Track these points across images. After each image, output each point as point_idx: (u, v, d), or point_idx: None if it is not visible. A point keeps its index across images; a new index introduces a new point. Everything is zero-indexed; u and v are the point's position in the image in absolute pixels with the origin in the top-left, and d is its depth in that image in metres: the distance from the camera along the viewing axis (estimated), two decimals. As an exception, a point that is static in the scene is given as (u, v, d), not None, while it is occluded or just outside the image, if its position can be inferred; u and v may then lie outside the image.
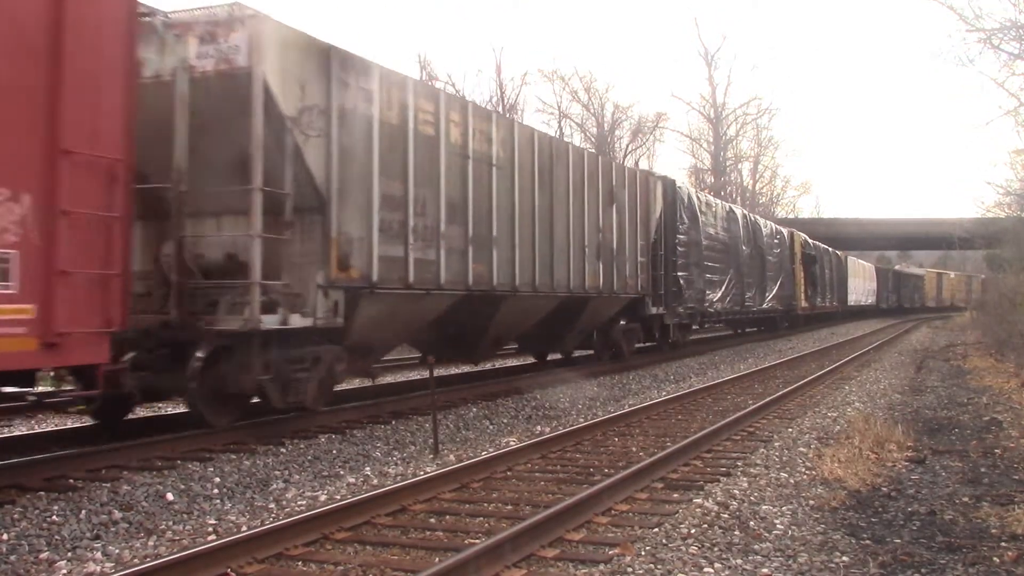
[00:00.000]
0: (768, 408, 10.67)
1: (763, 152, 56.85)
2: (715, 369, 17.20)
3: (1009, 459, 7.59)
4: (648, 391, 13.36)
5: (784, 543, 5.05)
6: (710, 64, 51.24)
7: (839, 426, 9.35)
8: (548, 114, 43.47)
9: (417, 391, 11.06)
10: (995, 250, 27.99)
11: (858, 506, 5.94)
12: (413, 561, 4.82)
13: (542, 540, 4.99)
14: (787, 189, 61.00)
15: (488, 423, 9.92)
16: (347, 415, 9.44)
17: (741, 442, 8.59)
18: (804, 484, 6.59)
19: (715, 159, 51.59)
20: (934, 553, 4.90)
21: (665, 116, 60.15)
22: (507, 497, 6.32)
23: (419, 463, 7.72)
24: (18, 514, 5.55)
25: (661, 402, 11.16)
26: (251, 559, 4.73)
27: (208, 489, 6.43)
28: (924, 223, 48.33)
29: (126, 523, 5.61)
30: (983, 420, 9.89)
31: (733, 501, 6.02)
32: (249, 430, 8.23)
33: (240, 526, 5.63)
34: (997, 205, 28.22)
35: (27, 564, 4.87)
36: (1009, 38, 15.90)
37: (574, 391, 12.40)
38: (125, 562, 4.88)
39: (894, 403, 11.60)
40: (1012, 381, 13.24)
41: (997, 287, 25.91)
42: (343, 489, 6.69)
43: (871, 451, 7.73)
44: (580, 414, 10.88)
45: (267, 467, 7.15)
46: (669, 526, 5.40)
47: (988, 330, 23.18)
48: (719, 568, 4.60)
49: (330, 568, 4.73)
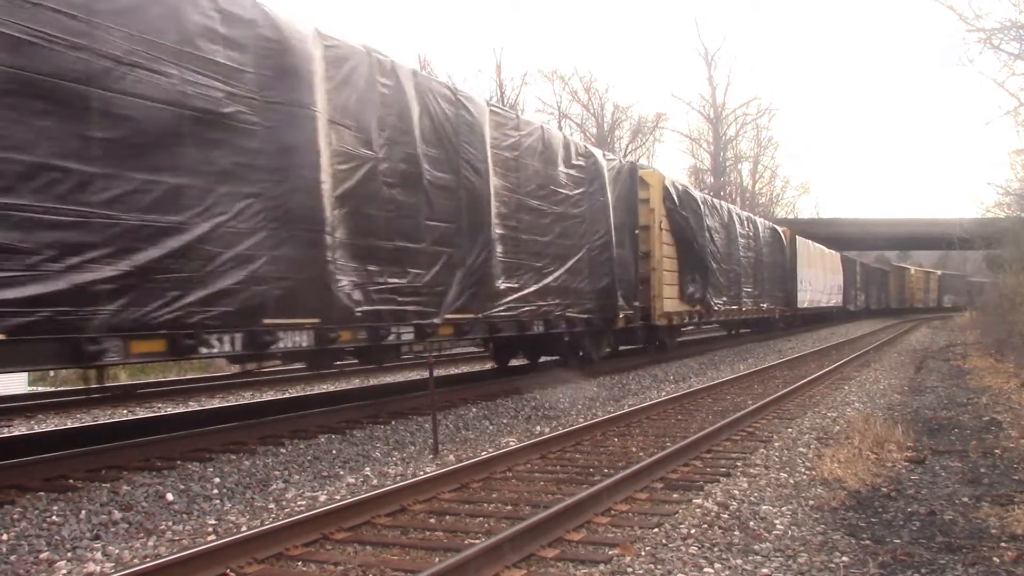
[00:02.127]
0: (768, 408, 10.67)
1: (763, 152, 56.87)
2: (715, 369, 17.20)
3: (1009, 459, 7.59)
4: (648, 391, 13.36)
5: (784, 543, 5.05)
6: (710, 64, 51.33)
7: (839, 426, 9.36)
8: (548, 114, 43.53)
9: (417, 391, 11.06)
10: (995, 250, 27.95)
11: (858, 506, 5.94)
12: (413, 561, 4.82)
13: (542, 540, 4.99)
14: (787, 189, 61.01)
15: (488, 423, 9.92)
16: (347, 415, 9.44)
17: (741, 442, 8.59)
18: (804, 484, 6.60)
19: (715, 159, 51.61)
20: (934, 553, 4.90)
21: (665, 116, 60.22)
22: (507, 497, 6.31)
23: (419, 463, 7.72)
24: (18, 514, 5.55)
25: (661, 402, 11.15)
26: (251, 559, 4.73)
27: (208, 489, 6.44)
28: (924, 223, 48.28)
29: (126, 523, 5.61)
30: (983, 420, 9.89)
31: (733, 501, 6.02)
32: (249, 430, 8.24)
33: (240, 526, 5.63)
34: (997, 205, 28.23)
35: (27, 564, 4.87)
36: (1009, 38, 15.90)
37: (574, 391, 12.39)
38: (125, 562, 4.88)
39: (894, 403, 11.60)
40: (1012, 381, 13.23)
41: (982, 287, 25.67)
42: (343, 489, 6.69)
43: (871, 451, 7.73)
44: (580, 414, 10.88)
45: (267, 467, 7.15)
46: (669, 526, 5.40)
47: (988, 330, 23.17)
48: (719, 568, 4.60)
49: (330, 568, 4.72)
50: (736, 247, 22.02)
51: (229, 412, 9.94)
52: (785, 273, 28.37)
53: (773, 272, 26.79)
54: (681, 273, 17.85)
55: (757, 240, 24.49)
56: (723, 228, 20.83)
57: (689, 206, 18.19)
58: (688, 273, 18.06)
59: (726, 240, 21.04)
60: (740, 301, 22.32)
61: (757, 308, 24.56)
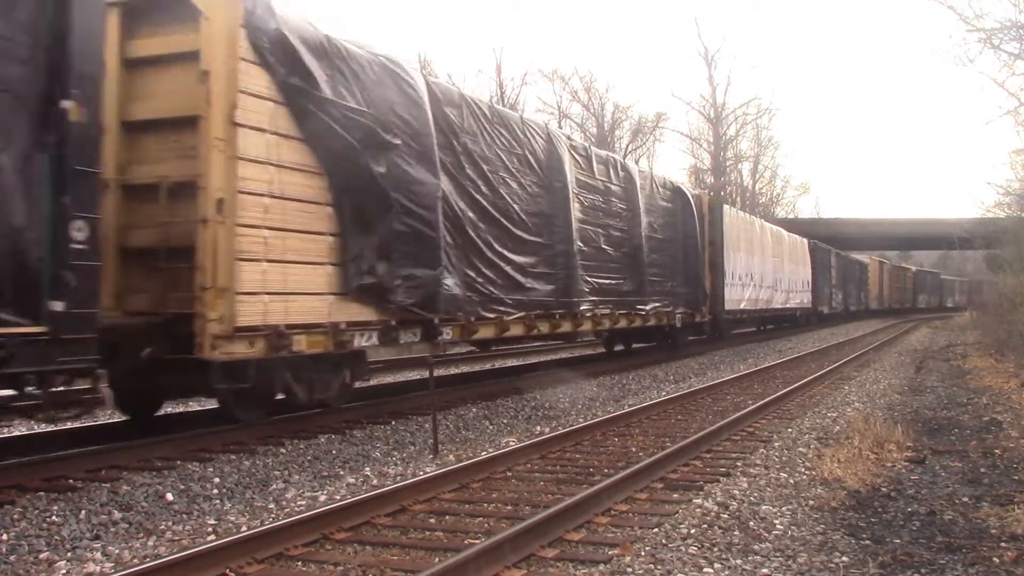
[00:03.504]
0: (768, 408, 10.68)
1: (763, 152, 56.85)
2: (715, 369, 17.20)
3: (1009, 459, 7.59)
4: (648, 391, 13.36)
5: (784, 543, 5.05)
6: (710, 64, 51.30)
7: (839, 426, 9.35)
8: (548, 114, 43.49)
9: (417, 391, 11.06)
10: (995, 250, 27.95)
11: (858, 506, 5.94)
12: (413, 561, 4.82)
13: (542, 540, 4.99)
14: (787, 189, 60.98)
15: (488, 423, 9.92)
16: (347, 415, 9.43)
17: (741, 442, 8.59)
18: (804, 484, 6.59)
19: (715, 159, 51.61)
20: (934, 553, 4.90)
21: (665, 116, 60.12)
22: (507, 497, 6.31)
23: (419, 463, 7.71)
24: (18, 514, 5.55)
25: (661, 402, 11.15)
26: (251, 559, 4.73)
27: (208, 489, 6.43)
28: (924, 223, 48.29)
29: (126, 523, 5.61)
30: (983, 420, 9.89)
31: (733, 501, 6.02)
32: (249, 430, 8.24)
33: (240, 526, 5.63)
34: (997, 205, 28.20)
35: (27, 564, 4.86)
36: (1009, 38, 15.87)
37: (574, 391, 12.40)
38: (125, 562, 4.88)
39: (894, 403, 11.60)
40: (1012, 381, 13.23)
41: (986, 287, 25.37)
42: (343, 489, 6.69)
43: (871, 451, 7.73)
44: (580, 414, 10.88)
45: (267, 467, 7.15)
46: (669, 526, 5.40)
47: (988, 330, 23.17)
48: (719, 568, 4.60)
49: (330, 568, 4.72)
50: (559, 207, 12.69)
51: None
52: (697, 258, 19.10)
53: (673, 256, 17.98)
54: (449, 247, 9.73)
55: (627, 201, 15.54)
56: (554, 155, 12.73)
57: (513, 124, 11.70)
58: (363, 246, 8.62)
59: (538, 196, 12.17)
60: (575, 304, 12.99)
61: (613, 316, 14.70)
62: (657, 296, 16.74)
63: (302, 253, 7.92)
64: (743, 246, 23.39)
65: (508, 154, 11.45)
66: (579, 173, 13.78)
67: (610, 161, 15.43)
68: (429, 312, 9.49)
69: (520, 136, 11.88)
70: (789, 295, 29.13)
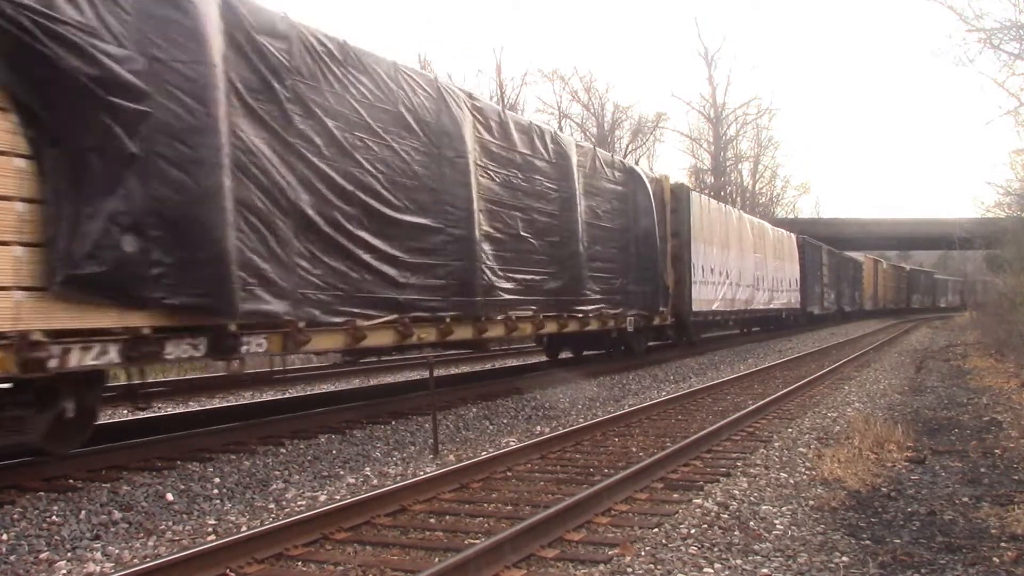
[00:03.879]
0: (768, 408, 10.68)
1: (763, 152, 56.83)
2: (715, 369, 17.20)
3: (1009, 459, 7.59)
4: (648, 391, 13.36)
5: (784, 543, 5.05)
6: (710, 64, 51.26)
7: (839, 426, 9.35)
8: (548, 114, 43.51)
9: (417, 391, 11.06)
10: (995, 250, 27.97)
11: (858, 506, 5.94)
12: (413, 561, 4.82)
13: (542, 540, 4.99)
14: (787, 189, 60.95)
15: (488, 423, 9.92)
16: (347, 415, 9.45)
17: (741, 442, 8.59)
18: (804, 484, 6.59)
19: (715, 159, 51.60)
20: (934, 553, 4.90)
21: (665, 116, 60.20)
22: (507, 497, 6.31)
23: (419, 463, 7.72)
24: (18, 514, 5.55)
25: (661, 402, 11.15)
26: (251, 559, 4.73)
27: (208, 489, 6.44)
28: (924, 223, 48.27)
29: (126, 523, 5.61)
30: (983, 420, 9.89)
31: (733, 501, 6.02)
32: (249, 430, 8.24)
33: (240, 526, 5.63)
34: (997, 205, 28.23)
35: (27, 564, 4.87)
36: (1009, 38, 15.90)
37: (574, 391, 12.40)
38: (125, 562, 4.88)
39: (894, 403, 11.60)
40: (1012, 381, 13.23)
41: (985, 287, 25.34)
42: (343, 489, 6.69)
43: (871, 451, 7.73)
44: (580, 414, 10.88)
45: (267, 467, 7.16)
46: (669, 526, 5.40)
47: (988, 330, 23.17)
48: (719, 568, 4.60)
49: (330, 568, 4.73)
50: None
51: (229, 412, 9.94)
52: (656, 252, 16.24)
53: (624, 249, 15.07)
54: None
55: (559, 181, 12.73)
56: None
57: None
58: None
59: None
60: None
61: (536, 319, 11.85)
62: (601, 295, 13.84)
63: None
64: (716, 239, 20.29)
65: (371, 109, 8.68)
66: (488, 142, 10.91)
67: (535, 130, 12.28)
68: (219, 315, 6.69)
69: (391, 88, 9.04)
70: (773, 294, 26.22)
